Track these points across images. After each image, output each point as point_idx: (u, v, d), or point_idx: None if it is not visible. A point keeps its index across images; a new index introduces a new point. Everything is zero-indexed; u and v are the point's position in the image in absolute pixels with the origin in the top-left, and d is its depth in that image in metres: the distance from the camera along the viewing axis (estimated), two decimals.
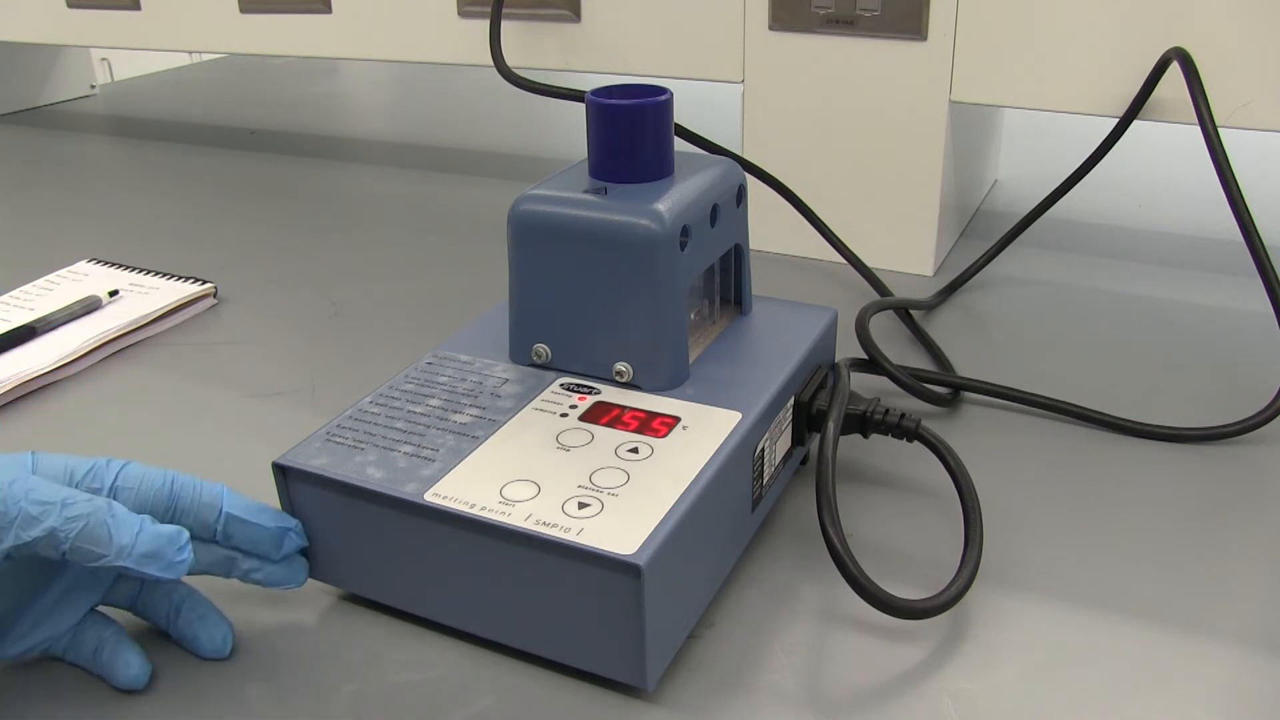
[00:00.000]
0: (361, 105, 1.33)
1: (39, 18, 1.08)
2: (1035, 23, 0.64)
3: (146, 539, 0.35)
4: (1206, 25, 0.60)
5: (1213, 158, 0.55)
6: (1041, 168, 0.92)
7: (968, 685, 0.38)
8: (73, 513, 0.34)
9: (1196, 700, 0.37)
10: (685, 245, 0.43)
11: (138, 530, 0.35)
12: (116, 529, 0.34)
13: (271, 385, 0.60)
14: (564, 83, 0.70)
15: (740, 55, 0.73)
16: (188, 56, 1.55)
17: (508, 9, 0.77)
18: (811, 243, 0.72)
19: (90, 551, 0.34)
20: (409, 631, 0.41)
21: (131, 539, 0.34)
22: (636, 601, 0.34)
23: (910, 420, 0.46)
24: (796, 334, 0.48)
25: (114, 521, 0.34)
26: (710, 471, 0.38)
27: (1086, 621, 0.41)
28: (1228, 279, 0.71)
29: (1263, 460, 0.51)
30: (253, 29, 0.96)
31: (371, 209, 0.91)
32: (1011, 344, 0.63)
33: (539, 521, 0.36)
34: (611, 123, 0.43)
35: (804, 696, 0.37)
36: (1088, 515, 0.47)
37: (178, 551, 0.36)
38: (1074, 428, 0.54)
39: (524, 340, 0.46)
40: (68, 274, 0.73)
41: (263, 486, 0.41)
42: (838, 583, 0.40)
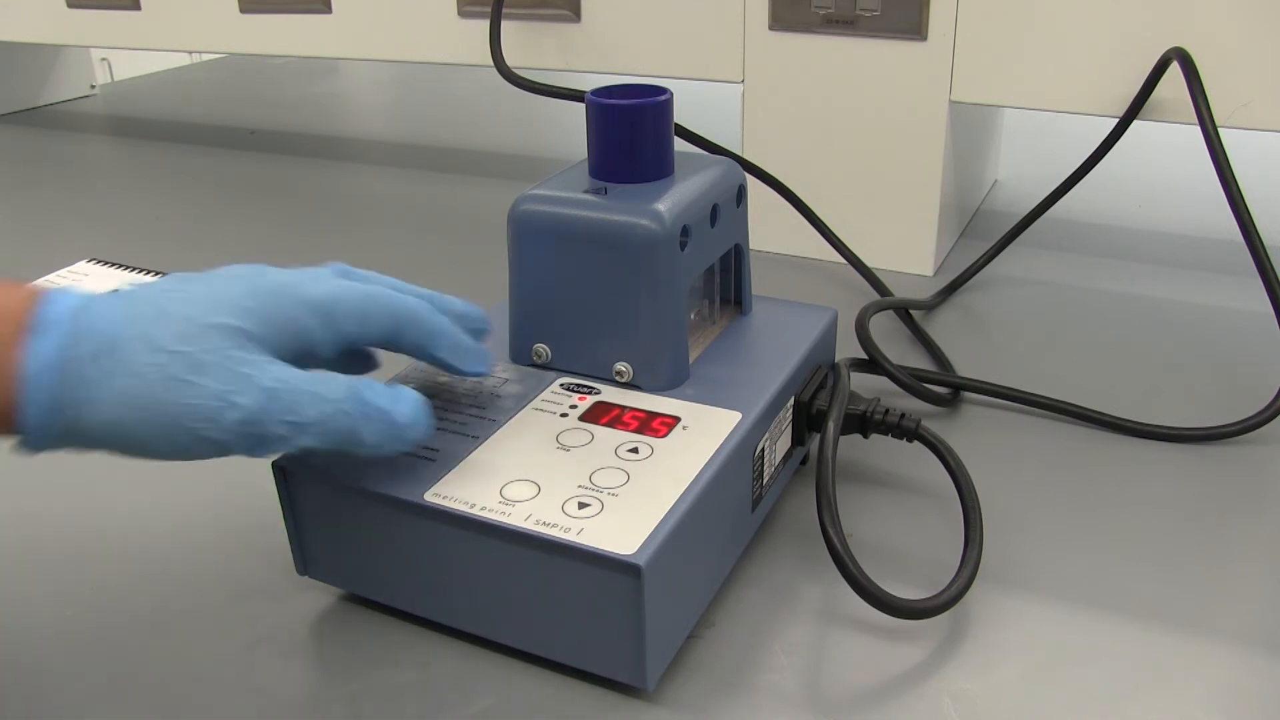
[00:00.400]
0: (361, 105, 1.33)
1: (39, 18, 1.08)
2: (1035, 23, 0.64)
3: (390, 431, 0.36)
4: (1206, 25, 0.60)
5: (1213, 158, 0.55)
6: (1041, 168, 0.92)
7: (968, 685, 0.38)
8: (321, 428, 0.35)
9: (1196, 700, 0.37)
10: (685, 245, 0.43)
11: (381, 427, 0.35)
12: (365, 429, 0.35)
13: None
14: (564, 83, 0.70)
15: (740, 55, 0.73)
16: (188, 56, 1.54)
17: (508, 9, 0.77)
18: (811, 243, 0.72)
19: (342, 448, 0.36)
20: (409, 631, 0.41)
21: (378, 434, 0.35)
22: (636, 601, 0.34)
23: (910, 420, 0.46)
24: (796, 334, 0.48)
25: (363, 423, 0.35)
26: (710, 471, 0.38)
27: (1086, 621, 0.41)
28: (1228, 279, 0.71)
29: (1263, 460, 0.51)
30: (253, 29, 0.96)
31: (371, 209, 0.91)
32: (1011, 344, 0.63)
33: (539, 521, 0.36)
34: (611, 123, 0.43)
35: (804, 696, 0.37)
36: (1088, 515, 0.47)
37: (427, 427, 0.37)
38: (1074, 428, 0.54)
39: (524, 340, 0.46)
40: (68, 274, 0.73)
41: (263, 487, 0.41)
42: (838, 583, 0.40)
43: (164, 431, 0.33)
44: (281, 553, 0.43)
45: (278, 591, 0.43)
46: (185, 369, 0.33)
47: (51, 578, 0.45)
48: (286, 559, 0.42)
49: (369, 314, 0.38)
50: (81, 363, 0.32)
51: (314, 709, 0.38)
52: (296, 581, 0.43)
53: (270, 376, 0.34)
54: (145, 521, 0.48)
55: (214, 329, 0.34)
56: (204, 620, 0.42)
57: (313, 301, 0.36)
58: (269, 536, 0.46)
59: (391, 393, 0.36)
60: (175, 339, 0.33)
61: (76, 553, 0.46)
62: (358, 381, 0.36)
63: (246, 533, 0.46)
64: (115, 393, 0.32)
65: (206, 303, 0.34)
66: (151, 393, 0.33)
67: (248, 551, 0.46)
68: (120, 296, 0.34)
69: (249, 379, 0.33)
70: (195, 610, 0.42)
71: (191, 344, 0.33)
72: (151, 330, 0.33)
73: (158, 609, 0.43)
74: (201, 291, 0.35)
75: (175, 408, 0.33)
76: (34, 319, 0.32)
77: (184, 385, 0.33)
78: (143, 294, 0.35)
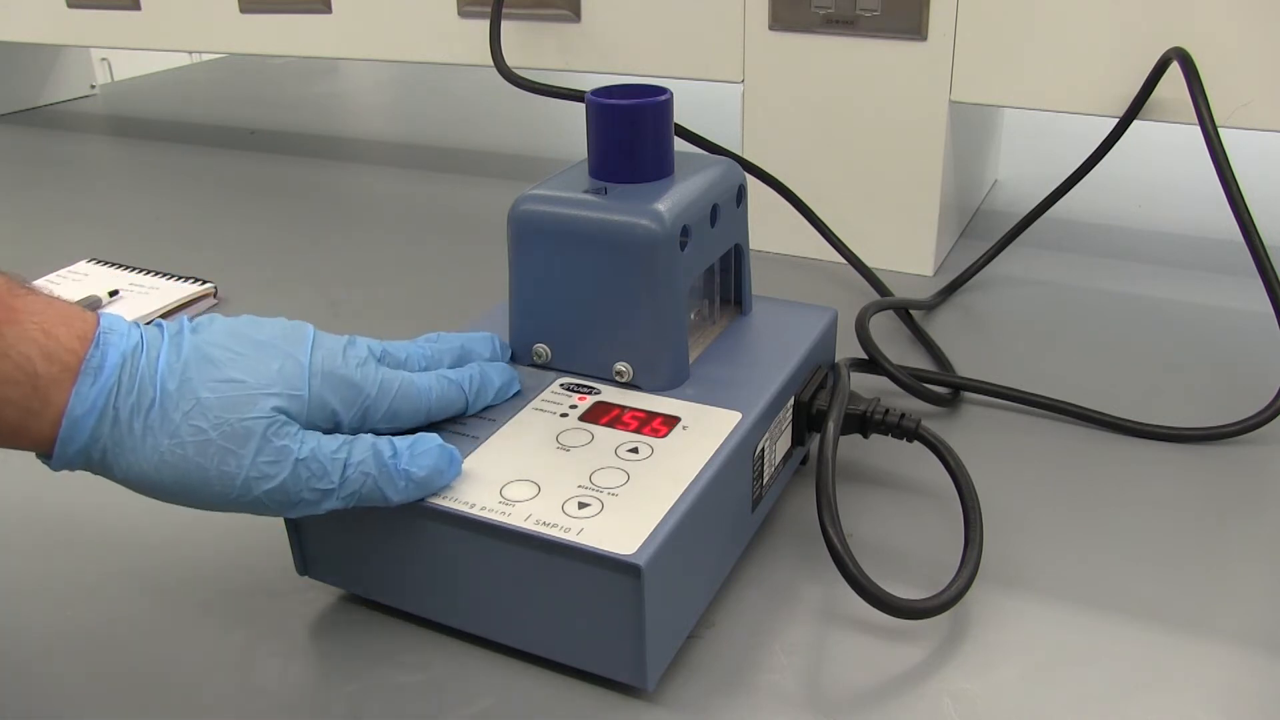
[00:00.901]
0: (361, 105, 1.33)
1: (39, 18, 1.08)
2: (1035, 23, 0.64)
3: (415, 488, 0.37)
4: (1206, 25, 0.60)
5: (1213, 158, 0.55)
6: (1041, 168, 0.92)
7: (968, 685, 0.38)
8: (347, 491, 0.36)
9: (1196, 700, 0.37)
10: (685, 245, 0.43)
11: (404, 485, 0.37)
12: (389, 489, 0.36)
13: None
14: (564, 83, 0.70)
15: (740, 55, 0.73)
16: (188, 56, 1.54)
17: (508, 9, 0.77)
18: (811, 243, 0.72)
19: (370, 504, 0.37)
20: (409, 631, 0.41)
21: (403, 492, 0.37)
22: (636, 601, 0.34)
23: (910, 420, 0.46)
24: (796, 334, 0.48)
25: (386, 484, 0.36)
26: (710, 471, 0.38)
27: (1086, 621, 0.41)
28: (1228, 279, 0.71)
29: (1263, 460, 0.51)
30: (253, 29, 0.96)
31: (371, 209, 0.91)
32: (1011, 344, 0.63)
33: (539, 521, 0.36)
34: (611, 123, 0.43)
35: (804, 696, 0.37)
36: (1088, 515, 0.47)
37: (451, 475, 0.38)
38: (1074, 428, 0.54)
39: (524, 340, 0.46)
40: (68, 274, 0.73)
41: None
42: (838, 583, 0.40)
43: (193, 492, 0.34)
44: (281, 553, 0.43)
45: (278, 591, 0.43)
46: (224, 438, 0.34)
47: (51, 578, 0.45)
48: (286, 559, 0.42)
49: (399, 413, 0.39)
50: (124, 414, 0.33)
51: (314, 709, 0.38)
52: (296, 581, 0.43)
53: (304, 448, 0.35)
54: (145, 521, 0.48)
55: (257, 401, 0.34)
56: (204, 620, 0.42)
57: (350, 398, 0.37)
58: (269, 536, 0.46)
59: (411, 449, 0.37)
60: (220, 406, 0.34)
61: (76, 553, 0.46)
62: (380, 443, 0.37)
63: (246, 533, 0.46)
64: (152, 450, 0.33)
65: (256, 373, 0.35)
66: (188, 457, 0.34)
67: (248, 551, 0.46)
68: (173, 345, 0.35)
69: (285, 451, 0.34)
70: (195, 610, 0.42)
71: (235, 413, 0.34)
72: (199, 394, 0.34)
73: (158, 609, 0.43)
74: (252, 358, 0.35)
75: (210, 475, 0.34)
76: (86, 361, 0.33)
77: (221, 454, 0.34)
78: (196, 350, 0.35)
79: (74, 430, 0.33)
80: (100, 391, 0.33)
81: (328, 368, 0.37)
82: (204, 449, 0.34)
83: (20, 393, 0.32)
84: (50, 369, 0.32)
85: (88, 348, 0.33)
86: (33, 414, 0.32)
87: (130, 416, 0.33)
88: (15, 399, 0.32)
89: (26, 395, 0.32)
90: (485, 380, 0.42)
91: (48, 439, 0.33)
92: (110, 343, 0.34)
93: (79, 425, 0.33)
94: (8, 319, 0.32)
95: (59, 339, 0.33)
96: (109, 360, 0.33)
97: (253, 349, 0.36)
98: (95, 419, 0.33)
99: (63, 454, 0.33)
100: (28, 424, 0.33)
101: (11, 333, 0.32)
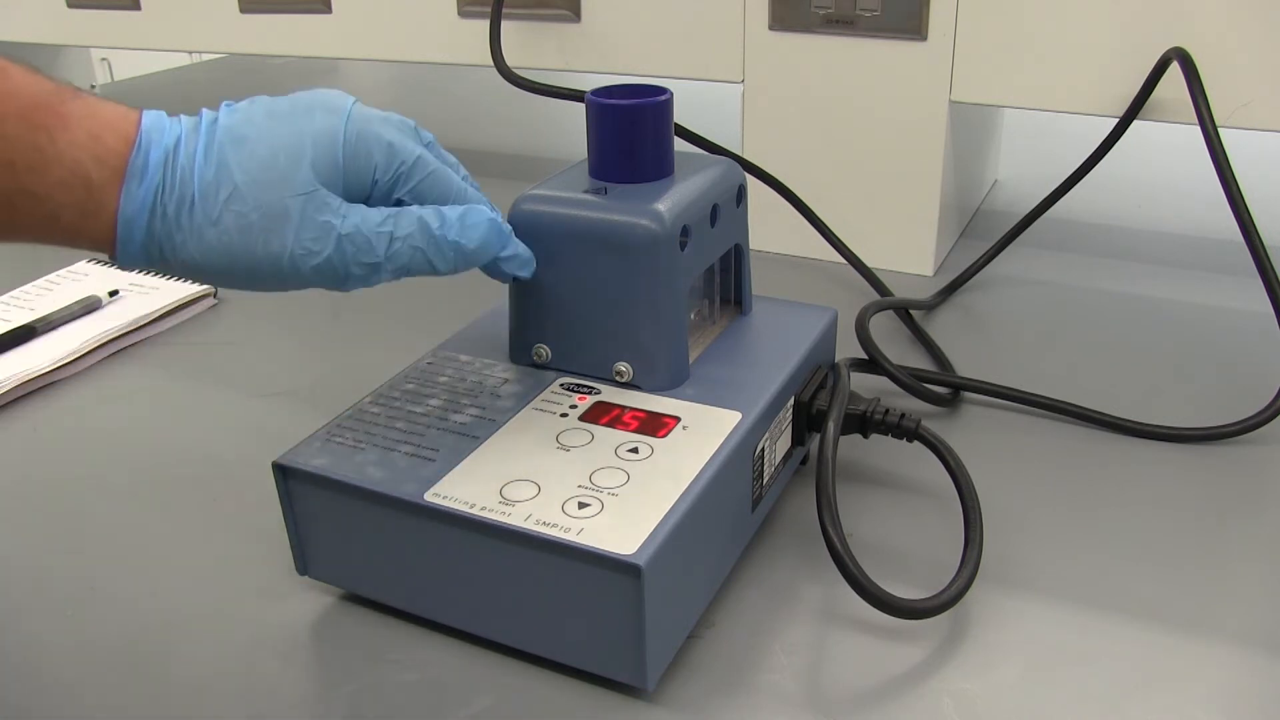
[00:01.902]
0: None
1: (39, 18, 1.08)
2: (1035, 23, 0.64)
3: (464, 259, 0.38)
4: (1206, 25, 0.60)
5: (1213, 158, 0.55)
6: (1041, 168, 0.92)
7: (968, 685, 0.38)
8: (396, 265, 0.37)
9: (1196, 700, 0.37)
10: (685, 245, 0.43)
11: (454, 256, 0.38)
12: (438, 260, 0.37)
13: (271, 385, 0.60)
14: (564, 83, 0.70)
15: (740, 55, 0.73)
16: (188, 56, 1.54)
17: (508, 9, 0.77)
18: (811, 243, 0.72)
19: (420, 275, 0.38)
20: (409, 631, 0.41)
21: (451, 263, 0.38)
22: (636, 601, 0.34)
23: (910, 420, 0.46)
24: (796, 334, 0.48)
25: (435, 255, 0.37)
26: (710, 471, 0.38)
27: (1086, 621, 0.41)
28: (1228, 279, 0.71)
29: (1263, 460, 0.51)
30: (253, 29, 0.96)
31: None
32: (1011, 344, 0.63)
33: (539, 521, 0.36)
34: (611, 123, 0.43)
35: (804, 696, 0.37)
36: (1088, 515, 0.47)
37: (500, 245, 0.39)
38: (1074, 428, 0.54)
39: (524, 340, 0.46)
40: (68, 274, 0.73)
41: (263, 487, 0.41)
42: (838, 583, 0.40)
43: (246, 274, 0.36)
44: (281, 553, 0.43)
45: (278, 591, 0.43)
46: (266, 219, 0.35)
47: (51, 578, 0.45)
48: (286, 559, 0.42)
49: (435, 187, 0.39)
50: (170, 210, 0.35)
51: (314, 709, 0.38)
52: (296, 581, 0.43)
53: (347, 223, 0.36)
54: (145, 521, 0.48)
55: (294, 178, 0.35)
56: (204, 620, 0.42)
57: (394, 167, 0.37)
58: (269, 536, 0.46)
59: (460, 220, 0.37)
60: (257, 187, 0.35)
61: (75, 552, 0.46)
62: (428, 213, 0.37)
63: (247, 532, 0.47)
64: (202, 240, 0.35)
65: (290, 148, 0.36)
66: (235, 241, 0.35)
67: (248, 551, 0.46)
68: (207, 134, 0.36)
69: (327, 227, 0.35)
70: (195, 610, 0.42)
71: (272, 192, 0.35)
72: (235, 178, 0.35)
73: (157, 609, 0.43)
74: (285, 133, 0.36)
75: (258, 256, 0.35)
76: (131, 164, 0.34)
77: (265, 235, 0.35)
78: (228, 132, 0.36)
79: (130, 230, 0.34)
80: (147, 191, 0.34)
81: (362, 128, 0.37)
82: (247, 232, 0.35)
83: (76, 197, 0.34)
84: (102, 173, 0.34)
85: (132, 149, 0.34)
86: (90, 215, 0.34)
87: (177, 212, 0.35)
88: (72, 203, 0.34)
89: (82, 199, 0.34)
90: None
91: (108, 239, 0.35)
92: (152, 141, 0.35)
93: (133, 225, 0.34)
94: (59, 125, 0.33)
95: (106, 143, 0.34)
96: (152, 159, 0.35)
97: (285, 123, 0.36)
98: (147, 217, 0.34)
99: (125, 252, 0.35)
100: (87, 225, 0.34)
101: (64, 139, 0.33)
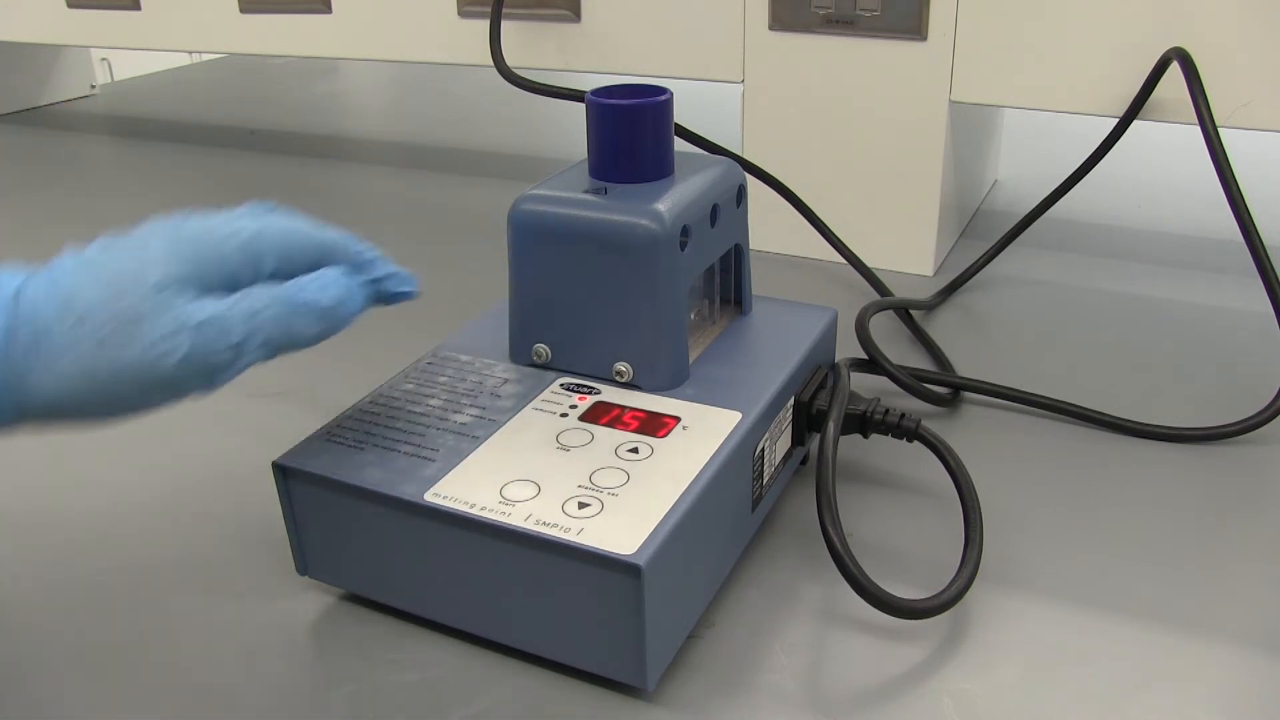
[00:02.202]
0: (361, 105, 1.33)
1: (39, 18, 1.08)
2: (1035, 23, 0.64)
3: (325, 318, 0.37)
4: (1206, 25, 0.60)
5: (1213, 158, 0.55)
6: (1041, 168, 0.92)
7: (968, 685, 0.38)
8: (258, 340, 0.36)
9: (1196, 700, 0.37)
10: (685, 245, 0.43)
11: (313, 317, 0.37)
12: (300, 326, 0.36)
13: (271, 385, 0.60)
14: (564, 83, 0.70)
15: (740, 55, 0.73)
16: (188, 56, 1.54)
17: (508, 9, 0.77)
18: (811, 243, 0.72)
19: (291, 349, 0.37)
20: (409, 631, 0.41)
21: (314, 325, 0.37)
22: (636, 601, 0.34)
23: (910, 420, 0.46)
24: (796, 334, 0.48)
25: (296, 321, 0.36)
26: (710, 471, 0.38)
27: (1086, 621, 0.41)
28: (1228, 279, 0.71)
29: (1263, 460, 0.51)
30: (253, 29, 0.96)
31: (371, 209, 0.91)
32: (1011, 344, 0.63)
33: (539, 521, 0.36)
34: (611, 123, 0.43)
35: (804, 696, 0.37)
36: (1088, 515, 0.47)
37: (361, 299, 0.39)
38: (1074, 428, 0.54)
39: (524, 340, 0.46)
40: None
41: (263, 486, 0.41)
42: (838, 583, 0.40)
43: (109, 391, 0.34)
44: (281, 553, 0.43)
45: (278, 591, 0.43)
46: (120, 326, 0.33)
47: (50, 578, 0.45)
48: (286, 559, 0.42)
49: (291, 247, 0.38)
50: (20, 352, 0.33)
51: (314, 709, 0.38)
52: (296, 581, 0.43)
53: (202, 312, 0.34)
54: (145, 521, 0.48)
55: (141, 283, 0.34)
56: (204, 620, 0.42)
57: (235, 242, 0.37)
58: (269, 536, 0.46)
59: (316, 282, 0.37)
60: (106, 302, 0.34)
61: (75, 553, 0.46)
62: (279, 285, 0.36)
63: (246, 533, 0.46)
64: (56, 370, 0.33)
65: (133, 261, 0.35)
66: (92, 359, 0.33)
67: (248, 551, 0.46)
68: (50, 273, 0.35)
69: (182, 319, 0.34)
70: (195, 610, 0.42)
71: (122, 300, 0.34)
72: (82, 300, 0.34)
73: (157, 609, 0.43)
74: (126, 251, 0.35)
75: (119, 367, 0.33)
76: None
77: (121, 344, 0.33)
78: (69, 267, 0.35)
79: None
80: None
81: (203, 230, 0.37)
82: (103, 345, 0.33)
83: None
84: None
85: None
86: None
87: (26, 353, 0.33)
88: None
89: None
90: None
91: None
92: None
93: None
94: None
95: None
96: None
97: (124, 246, 0.36)
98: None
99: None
100: None
101: None
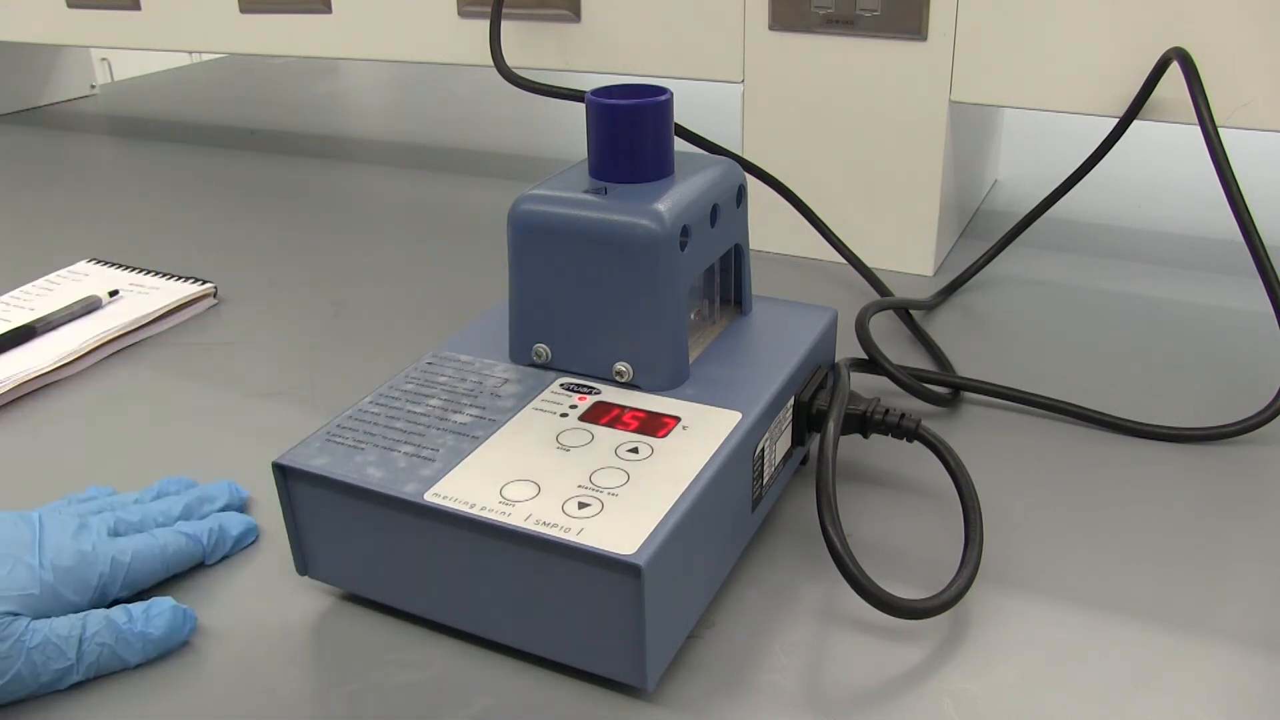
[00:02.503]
0: (361, 105, 1.33)
1: (39, 18, 1.08)
2: (1035, 23, 0.64)
3: (153, 647, 0.39)
4: (1206, 25, 0.60)
5: (1213, 158, 0.55)
6: (1041, 168, 0.92)
7: (968, 685, 0.38)
8: (86, 663, 0.38)
9: (1196, 700, 0.37)
10: (685, 245, 0.43)
11: (142, 647, 0.39)
12: (127, 653, 0.39)
13: (271, 385, 0.60)
14: (564, 83, 0.70)
15: (740, 55, 0.73)
16: (188, 56, 1.54)
17: (508, 9, 0.77)
18: (811, 243, 0.72)
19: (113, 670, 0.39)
20: (409, 631, 0.41)
21: (142, 654, 0.39)
22: (636, 601, 0.34)
23: (910, 420, 0.46)
24: (796, 334, 0.48)
25: (124, 649, 0.39)
26: (710, 471, 0.38)
27: (1086, 621, 0.41)
28: (1228, 279, 0.71)
29: (1263, 460, 0.51)
30: (253, 29, 0.96)
31: (371, 209, 0.91)
32: (1011, 344, 0.63)
33: (539, 521, 0.36)
34: (611, 123, 0.43)
35: (804, 696, 0.37)
36: (1088, 515, 0.47)
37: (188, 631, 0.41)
38: (1074, 428, 0.54)
39: (524, 340, 0.46)
40: (68, 274, 0.73)
41: (263, 486, 0.41)
42: (838, 583, 0.40)
43: None
44: (281, 553, 0.43)
45: (278, 591, 0.43)
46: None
47: None
48: (286, 559, 0.42)
49: (138, 579, 0.42)
50: None
51: (314, 709, 0.38)
52: (296, 581, 0.43)
53: (36, 636, 0.37)
54: None
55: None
56: (204, 620, 0.42)
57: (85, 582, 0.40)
58: (269, 536, 0.46)
59: (147, 612, 0.39)
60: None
61: None
62: (115, 612, 0.39)
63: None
64: None
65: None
66: None
67: (248, 552, 0.46)
68: None
69: (17, 645, 0.36)
70: (194, 610, 0.42)
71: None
72: None
73: None
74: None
75: None
76: None
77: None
78: None
79: None
80: None
81: (58, 563, 0.39)
82: None
83: None
84: None
85: None
86: None
87: None
88: None
89: None
90: (223, 533, 0.45)
91: None
92: None
93: None
94: None
95: None
96: None
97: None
98: None
99: None
100: None
101: None
